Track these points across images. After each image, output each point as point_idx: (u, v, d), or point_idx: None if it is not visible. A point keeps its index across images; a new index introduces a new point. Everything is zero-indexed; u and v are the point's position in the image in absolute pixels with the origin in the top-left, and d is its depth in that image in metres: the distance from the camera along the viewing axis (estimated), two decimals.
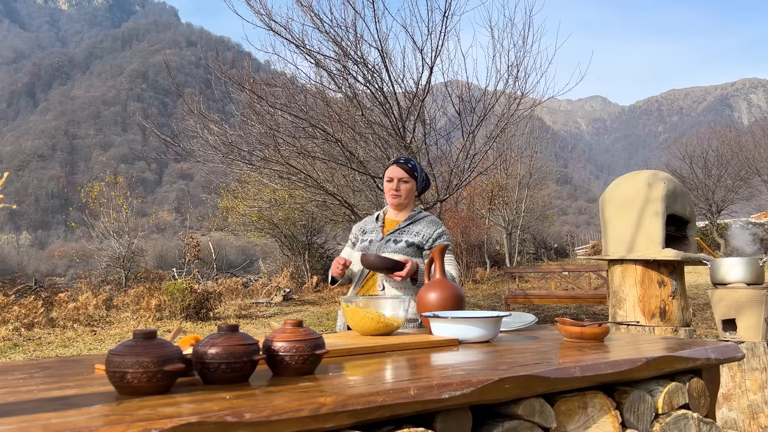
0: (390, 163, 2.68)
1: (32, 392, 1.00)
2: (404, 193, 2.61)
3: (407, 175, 2.62)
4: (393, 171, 2.61)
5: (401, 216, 2.67)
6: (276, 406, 0.86)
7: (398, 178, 2.59)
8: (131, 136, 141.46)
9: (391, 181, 2.61)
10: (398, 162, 2.63)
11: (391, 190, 2.61)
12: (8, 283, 12.75)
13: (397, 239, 2.56)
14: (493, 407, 1.16)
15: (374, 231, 2.64)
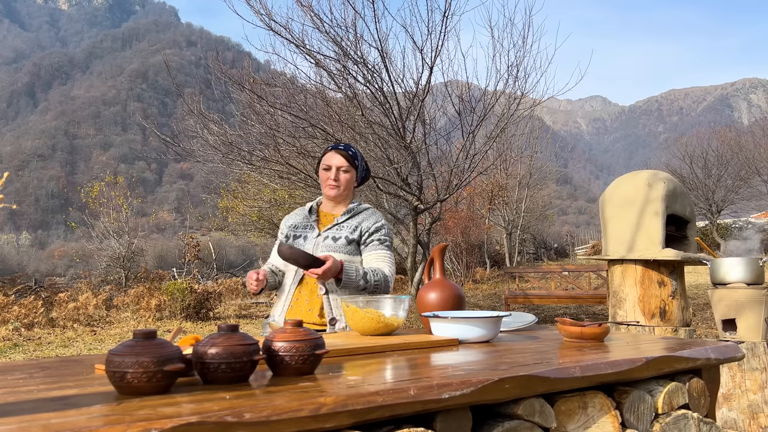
0: (327, 149, 2.37)
1: (32, 392, 1.00)
2: (344, 183, 2.32)
3: (347, 163, 2.32)
4: (331, 158, 2.32)
5: (339, 209, 2.39)
6: (276, 406, 0.86)
7: (337, 166, 2.31)
8: (131, 136, 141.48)
9: (328, 169, 2.32)
10: (337, 148, 2.34)
11: (329, 179, 2.32)
12: (8, 283, 12.75)
13: (335, 236, 2.30)
14: (493, 407, 1.16)
15: (308, 226, 2.35)
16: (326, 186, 2.33)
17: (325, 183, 2.33)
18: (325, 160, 2.34)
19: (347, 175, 2.34)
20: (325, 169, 2.33)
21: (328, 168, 2.32)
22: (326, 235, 2.31)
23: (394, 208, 9.77)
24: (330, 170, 2.31)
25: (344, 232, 2.30)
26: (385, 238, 2.34)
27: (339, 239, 2.29)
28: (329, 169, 2.32)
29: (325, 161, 2.34)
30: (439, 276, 1.91)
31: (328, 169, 2.32)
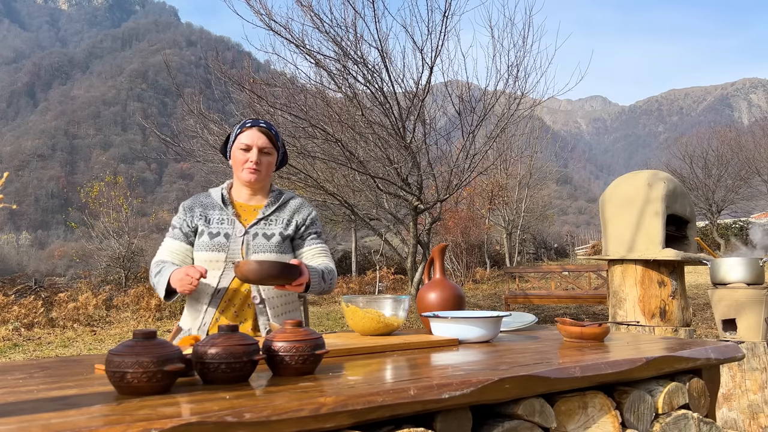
0: (244, 126, 1.97)
1: (32, 392, 1.00)
2: (265, 168, 1.97)
3: (270, 144, 1.97)
4: (252, 136, 1.94)
5: (258, 199, 2.04)
6: (276, 406, 0.86)
7: (259, 147, 1.94)
8: (131, 136, 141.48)
9: (247, 150, 1.94)
10: (258, 125, 1.97)
11: (248, 162, 1.94)
12: (8, 283, 12.75)
13: (267, 232, 1.96)
14: (493, 407, 1.15)
15: (225, 220, 1.97)
16: (244, 170, 1.95)
17: (242, 166, 1.95)
18: (243, 139, 1.95)
19: (269, 158, 1.98)
20: (243, 150, 1.95)
21: (247, 148, 1.94)
22: (255, 231, 1.96)
23: (394, 208, 9.77)
24: (249, 151, 1.94)
25: (276, 228, 1.98)
26: (320, 230, 2.08)
27: (272, 236, 1.96)
28: (248, 150, 1.94)
29: (243, 140, 1.95)
30: (439, 276, 1.91)
31: (246, 149, 1.95)
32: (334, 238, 23.51)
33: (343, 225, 17.36)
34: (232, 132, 2.02)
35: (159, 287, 1.89)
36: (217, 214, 2.00)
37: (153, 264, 1.97)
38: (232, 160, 2.00)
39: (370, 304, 1.70)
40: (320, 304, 13.54)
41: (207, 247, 1.93)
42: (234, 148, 1.98)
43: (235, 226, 1.97)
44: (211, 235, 1.94)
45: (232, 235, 1.94)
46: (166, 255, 1.98)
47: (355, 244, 20.94)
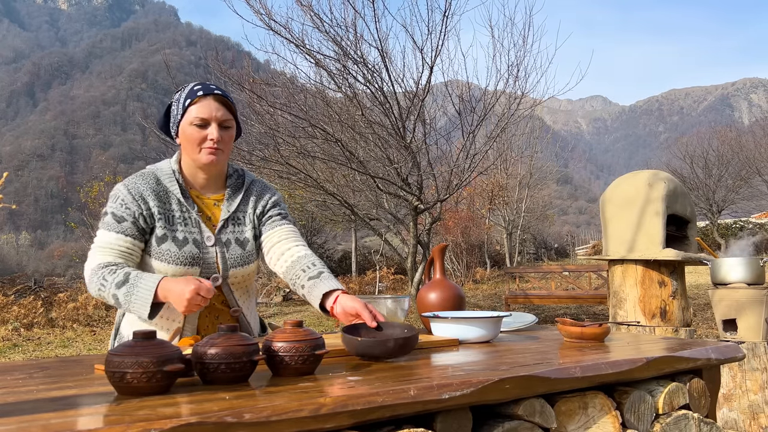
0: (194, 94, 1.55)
1: (32, 392, 1.00)
2: (226, 145, 1.58)
3: (230, 115, 1.58)
4: (208, 108, 1.53)
5: (215, 186, 1.65)
6: (276, 406, 0.86)
7: (219, 120, 1.55)
8: (131, 136, 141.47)
9: (204, 125, 1.54)
10: (213, 92, 1.55)
11: (207, 141, 1.54)
12: (8, 283, 12.75)
13: (240, 237, 1.63)
14: (494, 407, 1.15)
15: (189, 221, 1.57)
16: (202, 151, 1.55)
17: (198, 146, 1.55)
18: (196, 112, 1.53)
19: (230, 133, 1.59)
20: (198, 126, 1.54)
21: (204, 123, 1.54)
22: (226, 238, 1.61)
23: (394, 208, 9.77)
24: (207, 127, 1.54)
25: (247, 229, 1.65)
26: (286, 212, 1.74)
27: (246, 243, 1.64)
28: (205, 126, 1.54)
29: (196, 113, 1.53)
30: (439, 276, 1.91)
31: (203, 125, 1.54)
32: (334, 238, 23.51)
33: (343, 225, 17.37)
34: (176, 102, 1.59)
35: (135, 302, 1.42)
36: (176, 209, 1.57)
37: (98, 268, 1.48)
38: (182, 137, 1.57)
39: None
40: None
41: (176, 259, 1.53)
42: (184, 123, 1.56)
43: (201, 229, 1.58)
44: (178, 243, 1.54)
45: (202, 242, 1.57)
46: (115, 256, 1.51)
47: (355, 244, 20.95)
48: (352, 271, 20.45)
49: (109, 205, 1.57)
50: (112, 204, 1.56)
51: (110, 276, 1.47)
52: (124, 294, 1.44)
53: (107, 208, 1.57)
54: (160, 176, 1.60)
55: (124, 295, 1.44)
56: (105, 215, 1.56)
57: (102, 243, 1.54)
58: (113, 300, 1.47)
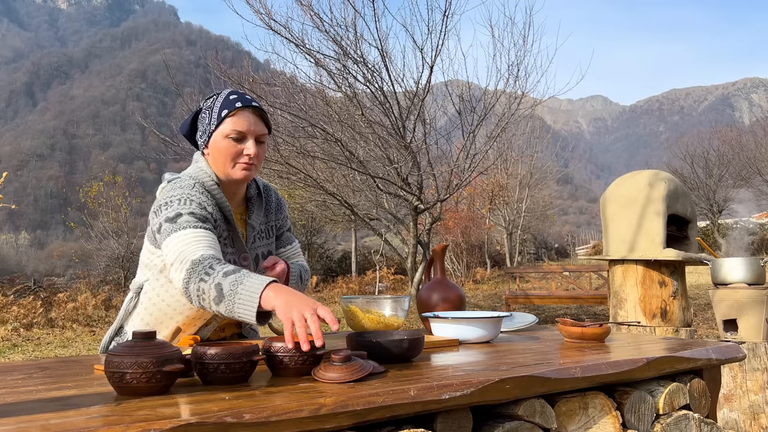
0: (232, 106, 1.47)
1: (31, 392, 1.00)
2: (260, 161, 1.52)
3: (266, 130, 1.53)
4: (247, 121, 1.46)
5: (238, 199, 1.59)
6: (276, 406, 0.86)
7: (256, 134, 1.48)
8: (130, 136, 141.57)
9: (241, 139, 1.47)
10: (251, 105, 1.49)
11: (244, 156, 1.47)
12: (7, 283, 12.75)
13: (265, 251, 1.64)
14: (494, 408, 1.15)
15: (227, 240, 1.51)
16: (236, 165, 1.47)
17: (232, 160, 1.47)
18: (233, 124, 1.46)
19: (263, 148, 1.52)
20: (234, 139, 1.46)
21: (241, 137, 1.47)
22: (255, 253, 1.61)
23: (394, 208, 9.77)
24: (243, 141, 1.47)
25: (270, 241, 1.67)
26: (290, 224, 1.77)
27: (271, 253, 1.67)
28: (242, 140, 1.47)
29: (233, 125, 1.46)
30: (439, 276, 1.90)
31: (240, 138, 1.47)
32: (334, 238, 23.51)
33: (343, 225, 17.37)
34: (208, 110, 1.51)
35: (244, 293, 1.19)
36: (224, 228, 1.51)
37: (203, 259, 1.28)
38: (215, 149, 1.48)
39: (370, 304, 1.70)
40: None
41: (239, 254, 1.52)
42: (218, 134, 1.47)
43: (237, 248, 1.53)
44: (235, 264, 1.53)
45: (239, 262, 1.53)
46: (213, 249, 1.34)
47: (355, 244, 20.95)
48: (352, 271, 20.46)
49: (181, 208, 1.38)
50: (186, 206, 1.39)
51: (220, 266, 1.25)
52: (231, 282, 1.21)
53: (180, 210, 1.38)
54: (209, 188, 1.47)
55: (232, 284, 1.21)
56: (178, 217, 1.37)
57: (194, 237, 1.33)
58: (215, 291, 1.22)
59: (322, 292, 16.13)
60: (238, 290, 1.19)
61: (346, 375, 1.03)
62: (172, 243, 1.34)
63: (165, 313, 1.51)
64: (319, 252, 20.40)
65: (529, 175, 21.28)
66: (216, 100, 1.51)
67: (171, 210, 1.39)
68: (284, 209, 1.72)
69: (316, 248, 20.01)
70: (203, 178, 1.49)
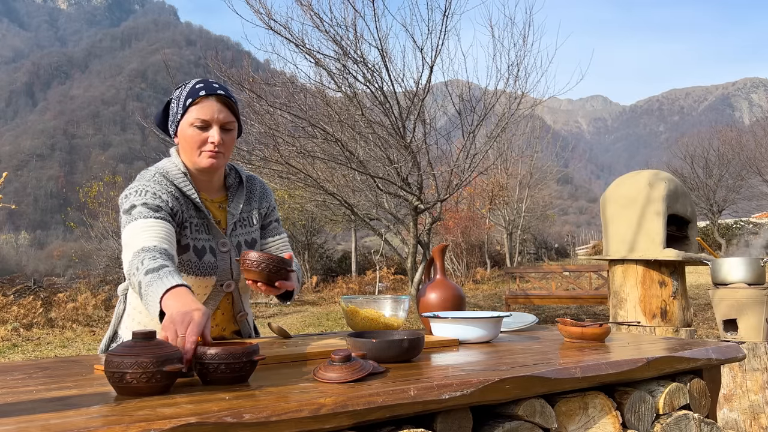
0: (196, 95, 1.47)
1: (31, 392, 1.00)
2: (227, 148, 1.52)
3: (233, 117, 1.51)
4: (210, 110, 1.46)
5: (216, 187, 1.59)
6: (276, 406, 0.86)
7: (220, 122, 1.48)
8: (130, 136, 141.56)
9: (205, 127, 1.47)
10: (216, 92, 1.48)
11: (208, 144, 1.47)
12: (7, 283, 12.75)
13: (248, 239, 1.61)
14: (494, 408, 1.15)
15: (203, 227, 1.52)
16: (202, 154, 1.48)
17: (197, 149, 1.48)
18: (197, 113, 1.46)
19: (232, 135, 1.51)
20: (198, 127, 1.47)
21: (205, 125, 1.47)
22: (237, 240, 1.57)
23: (394, 208, 9.77)
24: (208, 129, 1.47)
25: (253, 230, 1.63)
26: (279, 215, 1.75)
27: (255, 244, 1.63)
28: (206, 128, 1.47)
29: (197, 114, 1.46)
30: (439, 276, 1.90)
31: (204, 127, 1.47)
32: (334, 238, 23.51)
33: (343, 225, 17.36)
34: (176, 100, 1.52)
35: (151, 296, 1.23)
36: (195, 216, 1.51)
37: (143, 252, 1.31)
38: (181, 138, 1.49)
39: (370, 304, 1.70)
40: (320, 304, 13.53)
41: (196, 269, 1.48)
42: (183, 123, 1.48)
43: (214, 235, 1.53)
44: (198, 252, 1.49)
45: (217, 249, 1.52)
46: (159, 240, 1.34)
47: (355, 244, 20.95)
48: (352, 271, 20.45)
49: (136, 199, 1.42)
50: (140, 197, 1.42)
51: (149, 261, 1.28)
52: (144, 283, 1.25)
53: (134, 201, 1.41)
54: (175, 180, 1.50)
55: (146, 286, 1.25)
56: (132, 209, 1.40)
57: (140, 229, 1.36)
58: (137, 287, 1.28)
59: (322, 292, 16.12)
60: (148, 291, 1.24)
61: (346, 375, 1.03)
62: (125, 235, 1.39)
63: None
64: (319, 252, 20.38)
65: (529, 175, 21.28)
66: (183, 90, 1.52)
67: (127, 202, 1.43)
68: (270, 198, 1.71)
69: (316, 248, 20.00)
70: (169, 167, 1.52)
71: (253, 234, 1.63)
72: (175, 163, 1.53)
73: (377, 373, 1.11)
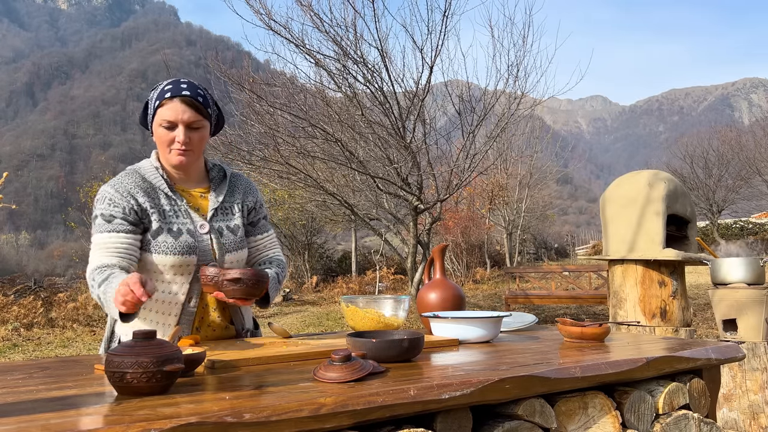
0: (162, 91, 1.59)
1: (31, 392, 1.00)
2: (197, 145, 1.62)
3: (199, 116, 1.60)
4: (174, 111, 1.56)
5: (196, 179, 1.71)
6: (276, 406, 0.86)
7: (185, 123, 1.58)
8: (130, 136, 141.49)
9: (171, 127, 1.58)
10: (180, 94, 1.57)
11: (175, 142, 1.58)
12: (7, 283, 12.75)
13: (230, 225, 1.69)
14: (494, 407, 1.15)
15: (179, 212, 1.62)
16: (170, 152, 1.60)
17: (167, 147, 1.60)
18: (164, 114, 1.57)
19: (201, 133, 1.62)
20: (165, 127, 1.58)
21: (171, 126, 1.58)
22: (218, 226, 1.67)
23: (394, 208, 9.77)
24: (174, 129, 1.58)
25: (236, 217, 1.72)
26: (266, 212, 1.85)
27: (237, 230, 1.70)
28: (172, 128, 1.58)
29: (163, 115, 1.57)
30: (439, 276, 1.90)
31: (170, 127, 1.58)
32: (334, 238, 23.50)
33: (343, 225, 17.37)
34: (150, 101, 1.63)
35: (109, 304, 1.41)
36: (165, 203, 1.61)
37: (94, 271, 1.50)
38: (155, 137, 1.62)
39: (370, 304, 1.70)
40: (320, 304, 13.53)
41: (173, 249, 1.57)
42: (154, 124, 1.60)
43: (193, 219, 1.63)
44: (173, 234, 1.58)
45: (196, 231, 1.62)
46: (109, 256, 1.53)
47: (355, 244, 20.94)
48: (352, 271, 20.44)
49: (97, 208, 1.61)
50: (100, 206, 1.60)
51: (99, 277, 1.48)
52: (102, 296, 1.46)
53: (95, 212, 1.61)
54: (144, 174, 1.64)
55: (103, 298, 1.46)
56: (95, 219, 1.61)
57: (96, 246, 1.58)
58: (101, 303, 1.49)
59: (322, 292, 16.12)
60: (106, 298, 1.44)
61: (346, 375, 1.03)
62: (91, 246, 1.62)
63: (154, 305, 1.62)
64: (319, 252, 20.38)
65: (528, 175, 21.27)
66: (155, 91, 1.64)
67: (94, 210, 1.64)
68: (255, 193, 1.81)
69: (316, 248, 19.99)
70: (143, 164, 1.68)
71: (235, 221, 1.72)
72: (150, 160, 1.68)
73: (377, 373, 1.11)
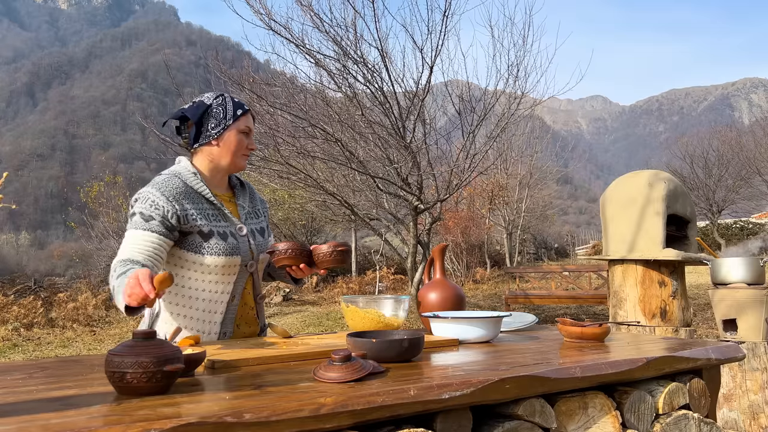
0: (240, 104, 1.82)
1: (31, 392, 1.00)
2: None
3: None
4: (248, 121, 1.82)
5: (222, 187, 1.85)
6: (276, 406, 0.86)
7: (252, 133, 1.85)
8: (131, 136, 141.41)
9: (247, 133, 1.81)
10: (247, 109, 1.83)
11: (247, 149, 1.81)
12: (7, 283, 12.75)
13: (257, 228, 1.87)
14: (494, 407, 1.15)
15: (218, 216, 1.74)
16: (242, 156, 1.80)
17: (240, 152, 1.79)
18: (246, 122, 1.80)
19: None
20: (244, 133, 1.79)
21: (248, 132, 1.81)
22: (251, 228, 1.83)
23: (394, 208, 9.77)
24: (249, 135, 1.82)
25: (260, 220, 1.90)
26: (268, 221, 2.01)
27: (264, 232, 1.88)
28: (248, 134, 1.81)
29: (247, 122, 1.80)
30: (439, 276, 1.90)
31: (247, 133, 1.80)
32: (334, 238, 23.43)
33: (343, 225, 17.36)
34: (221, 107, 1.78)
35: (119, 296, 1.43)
36: (209, 208, 1.73)
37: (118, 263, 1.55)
38: (225, 143, 1.76)
39: (370, 304, 1.70)
40: (320, 304, 13.53)
41: (224, 251, 1.69)
42: (233, 129, 1.77)
43: (231, 223, 1.75)
44: (222, 236, 1.70)
45: (236, 233, 1.75)
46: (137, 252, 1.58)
47: (355, 244, 20.93)
48: (352, 271, 20.44)
49: (137, 207, 1.65)
50: (141, 205, 1.65)
51: (120, 268, 1.52)
52: (115, 287, 1.47)
53: (135, 209, 1.66)
54: (186, 179, 1.73)
55: (115, 289, 1.47)
56: (132, 216, 1.66)
57: (128, 240, 1.62)
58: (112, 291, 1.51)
59: (322, 292, 16.11)
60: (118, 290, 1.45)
61: (346, 375, 1.03)
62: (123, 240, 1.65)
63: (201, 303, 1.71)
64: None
65: (528, 175, 21.25)
66: (226, 99, 1.80)
67: (132, 208, 1.68)
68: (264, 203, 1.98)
69: None
70: (179, 170, 1.75)
71: (261, 224, 1.88)
72: (185, 166, 1.77)
73: (377, 373, 1.11)
